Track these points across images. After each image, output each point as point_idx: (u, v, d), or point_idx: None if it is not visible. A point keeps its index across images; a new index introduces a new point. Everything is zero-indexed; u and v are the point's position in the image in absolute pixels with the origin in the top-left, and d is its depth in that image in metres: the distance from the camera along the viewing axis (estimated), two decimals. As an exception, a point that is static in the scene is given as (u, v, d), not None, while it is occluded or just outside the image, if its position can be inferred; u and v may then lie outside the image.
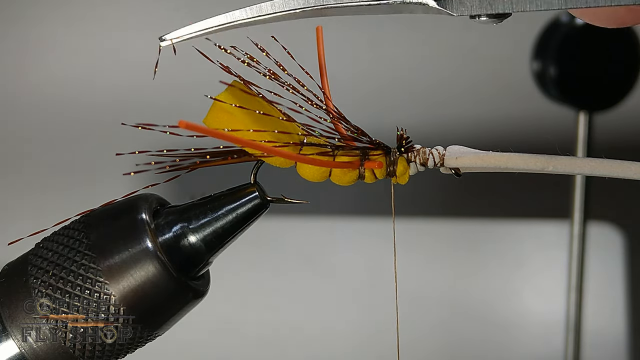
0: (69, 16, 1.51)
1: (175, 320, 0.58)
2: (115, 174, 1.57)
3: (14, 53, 1.52)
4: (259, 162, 0.59)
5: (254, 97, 0.58)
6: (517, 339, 1.32)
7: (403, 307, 0.64)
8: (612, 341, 1.28)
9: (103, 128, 1.45)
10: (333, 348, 1.32)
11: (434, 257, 1.37)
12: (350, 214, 1.45)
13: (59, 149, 1.54)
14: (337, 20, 0.52)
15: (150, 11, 1.51)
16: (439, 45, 1.40)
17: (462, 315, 1.33)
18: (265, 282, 1.37)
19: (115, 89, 1.53)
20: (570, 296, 1.17)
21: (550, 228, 1.38)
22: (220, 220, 0.57)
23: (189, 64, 1.44)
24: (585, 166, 0.56)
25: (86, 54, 1.52)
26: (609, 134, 1.37)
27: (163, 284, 0.56)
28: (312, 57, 0.58)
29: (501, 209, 1.50)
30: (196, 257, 0.58)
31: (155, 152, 0.57)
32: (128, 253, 0.55)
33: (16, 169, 1.54)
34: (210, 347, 1.31)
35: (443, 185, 1.42)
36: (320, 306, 1.35)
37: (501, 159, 0.56)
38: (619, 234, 1.35)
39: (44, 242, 0.58)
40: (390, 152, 0.58)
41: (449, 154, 0.58)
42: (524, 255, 1.38)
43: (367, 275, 1.34)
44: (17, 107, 1.54)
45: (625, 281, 1.32)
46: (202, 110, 0.59)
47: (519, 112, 1.43)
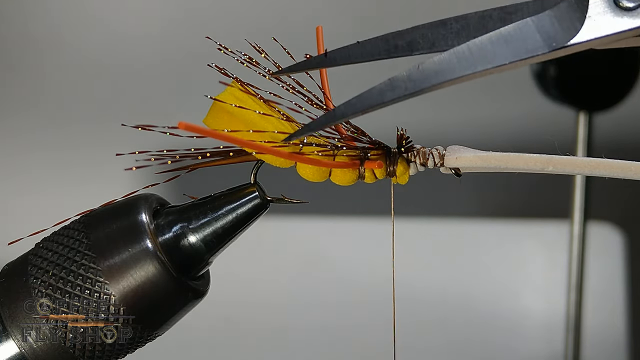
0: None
1: (175, 320, 0.58)
2: (115, 174, 1.58)
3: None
4: (259, 162, 0.59)
5: (254, 97, 0.58)
6: (517, 338, 1.32)
7: (402, 307, 0.64)
8: (612, 341, 1.28)
9: (103, 128, 1.45)
10: (333, 348, 1.31)
11: (433, 257, 1.37)
12: (350, 214, 1.45)
13: (59, 148, 1.54)
14: (337, 20, 0.52)
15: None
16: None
17: (462, 315, 1.33)
18: (265, 282, 1.37)
19: (115, 89, 1.53)
20: (570, 296, 1.17)
21: (550, 228, 1.37)
22: (220, 220, 0.58)
23: (189, 64, 1.44)
24: (585, 166, 0.56)
25: (86, 53, 1.52)
26: (609, 134, 1.37)
27: (163, 284, 0.56)
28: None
29: (501, 209, 1.50)
30: (196, 257, 0.58)
31: (155, 152, 0.57)
32: (128, 253, 0.55)
33: (16, 168, 1.54)
34: (210, 347, 1.31)
35: (443, 185, 1.42)
36: (320, 306, 1.35)
37: (501, 159, 0.56)
38: (619, 234, 1.35)
39: (44, 242, 0.58)
40: (390, 152, 0.58)
41: (449, 154, 0.58)
42: (524, 255, 1.38)
43: (367, 275, 1.34)
44: (17, 107, 1.54)
45: (625, 281, 1.31)
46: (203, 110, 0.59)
47: (519, 112, 1.43)
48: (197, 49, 1.17)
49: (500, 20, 0.52)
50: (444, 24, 0.53)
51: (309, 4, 1.46)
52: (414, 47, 0.53)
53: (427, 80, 0.50)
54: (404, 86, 0.50)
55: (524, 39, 0.50)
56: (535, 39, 0.50)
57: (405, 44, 0.53)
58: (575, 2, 0.50)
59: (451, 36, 0.52)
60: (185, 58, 1.46)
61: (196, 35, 1.38)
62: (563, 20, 0.50)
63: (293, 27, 1.28)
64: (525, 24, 0.50)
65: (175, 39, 1.47)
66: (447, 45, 0.52)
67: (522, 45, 0.50)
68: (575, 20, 0.50)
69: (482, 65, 0.50)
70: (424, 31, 0.53)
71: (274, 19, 1.47)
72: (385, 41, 0.53)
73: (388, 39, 0.53)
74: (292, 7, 1.46)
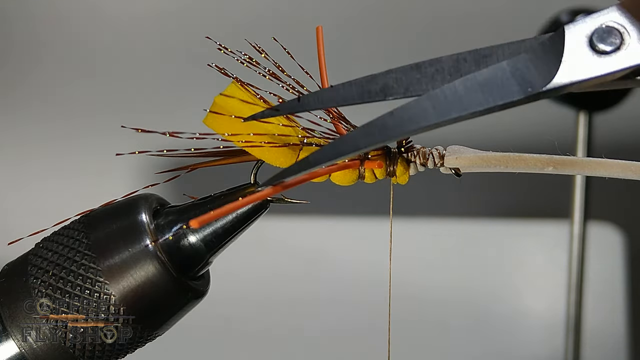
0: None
1: (175, 320, 0.58)
2: (115, 174, 1.57)
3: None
4: (259, 162, 0.59)
5: (254, 98, 0.58)
6: (517, 339, 1.32)
7: (402, 307, 0.64)
8: (612, 341, 1.28)
9: (103, 128, 1.45)
10: (333, 348, 1.32)
11: (433, 257, 1.37)
12: (350, 214, 1.45)
13: (59, 148, 1.54)
14: (337, 20, 0.52)
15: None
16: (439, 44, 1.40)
17: (462, 315, 1.33)
18: (265, 282, 1.37)
19: (115, 88, 1.53)
20: (570, 296, 1.17)
21: (550, 228, 1.37)
22: (220, 220, 0.58)
23: (189, 63, 1.44)
24: (585, 166, 0.56)
25: (86, 53, 1.52)
26: (609, 134, 1.37)
27: (163, 284, 0.56)
28: (312, 57, 0.58)
29: (501, 209, 1.50)
30: (196, 257, 0.58)
31: (155, 152, 0.57)
32: (128, 253, 0.55)
33: (16, 168, 1.55)
34: (210, 347, 1.31)
35: (443, 185, 1.42)
36: (320, 306, 1.35)
37: (501, 159, 0.56)
38: (619, 234, 1.35)
39: (44, 242, 0.58)
40: (390, 152, 0.59)
41: (449, 153, 0.58)
42: (524, 255, 1.38)
43: (367, 275, 1.34)
44: (17, 108, 1.54)
45: (625, 281, 1.31)
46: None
47: (519, 111, 1.43)
48: (197, 49, 1.17)
49: (475, 64, 0.51)
50: (418, 67, 0.51)
51: (309, 4, 1.46)
52: (387, 92, 0.51)
53: (400, 128, 0.49)
54: (377, 133, 0.50)
55: (498, 85, 0.49)
56: (510, 84, 0.49)
57: (378, 89, 0.52)
58: (551, 45, 0.49)
59: (425, 80, 0.51)
60: (186, 58, 1.46)
61: (196, 35, 1.38)
62: (539, 65, 0.49)
63: (293, 27, 1.28)
64: (500, 69, 0.49)
65: (176, 39, 1.47)
66: (422, 89, 0.51)
67: (496, 91, 0.49)
68: (551, 65, 0.48)
69: (456, 112, 0.49)
70: (398, 75, 0.52)
71: (274, 19, 1.47)
72: (358, 86, 0.52)
73: (362, 84, 0.52)
74: (292, 7, 1.46)
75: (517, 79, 0.49)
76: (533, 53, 0.49)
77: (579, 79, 0.48)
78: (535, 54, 0.49)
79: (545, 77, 0.48)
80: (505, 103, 0.49)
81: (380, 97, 0.52)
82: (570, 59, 0.48)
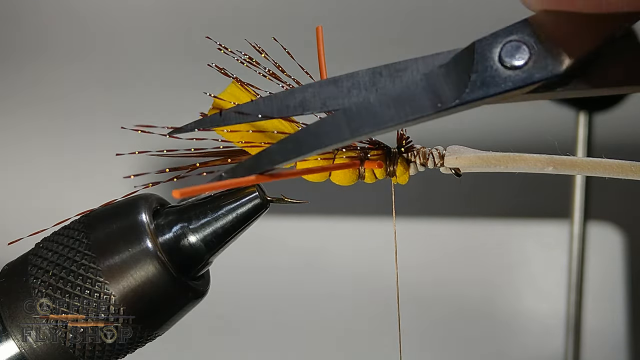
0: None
1: (175, 320, 0.58)
2: (115, 174, 1.57)
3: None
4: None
5: (253, 97, 0.58)
6: (517, 339, 1.32)
7: (402, 307, 0.64)
8: (612, 341, 1.28)
9: (103, 128, 1.45)
10: (333, 348, 1.32)
11: (433, 257, 1.37)
12: (350, 214, 1.45)
13: (59, 148, 1.54)
14: (337, 20, 0.52)
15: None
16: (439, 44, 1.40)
17: (462, 314, 1.33)
18: (265, 281, 1.37)
19: (114, 88, 1.53)
20: (570, 296, 1.17)
21: (550, 228, 1.37)
22: (220, 220, 0.57)
23: (189, 63, 1.44)
24: (585, 166, 0.56)
25: (85, 53, 1.52)
26: (609, 134, 1.37)
27: (163, 284, 0.56)
28: (312, 57, 0.58)
29: (501, 209, 1.50)
30: (196, 257, 0.58)
31: (155, 152, 0.57)
32: (128, 253, 0.55)
33: (16, 168, 1.55)
34: (210, 347, 1.31)
35: (443, 185, 1.42)
36: (321, 306, 1.35)
37: (501, 159, 0.56)
38: (619, 234, 1.35)
39: (44, 242, 0.58)
40: (390, 152, 0.59)
41: (449, 154, 0.58)
42: (524, 255, 1.38)
43: (367, 275, 1.34)
44: (17, 108, 1.54)
45: (625, 281, 1.31)
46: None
47: (519, 112, 1.43)
48: (197, 49, 1.17)
49: (390, 78, 0.51)
50: (335, 82, 0.52)
51: (309, 4, 1.46)
52: (305, 106, 0.52)
53: (315, 143, 0.50)
54: (291, 149, 0.51)
55: (410, 100, 0.49)
56: (421, 99, 0.49)
57: (297, 103, 0.52)
58: (462, 60, 0.49)
59: (342, 95, 0.51)
60: (185, 58, 1.46)
61: (196, 35, 1.38)
62: (450, 79, 0.49)
63: (293, 27, 1.28)
64: (414, 83, 0.50)
65: (176, 39, 1.47)
66: (338, 104, 0.51)
67: (408, 105, 0.49)
68: (461, 80, 0.49)
69: (369, 128, 0.49)
70: (315, 89, 0.52)
71: (274, 19, 1.47)
72: (278, 100, 0.53)
73: (280, 98, 0.53)
74: (292, 7, 1.46)
75: (429, 94, 0.49)
76: (445, 68, 0.50)
77: (487, 94, 0.48)
78: (448, 69, 0.50)
79: (455, 92, 0.49)
80: (416, 118, 0.49)
81: (299, 111, 0.53)
82: (479, 74, 0.48)
